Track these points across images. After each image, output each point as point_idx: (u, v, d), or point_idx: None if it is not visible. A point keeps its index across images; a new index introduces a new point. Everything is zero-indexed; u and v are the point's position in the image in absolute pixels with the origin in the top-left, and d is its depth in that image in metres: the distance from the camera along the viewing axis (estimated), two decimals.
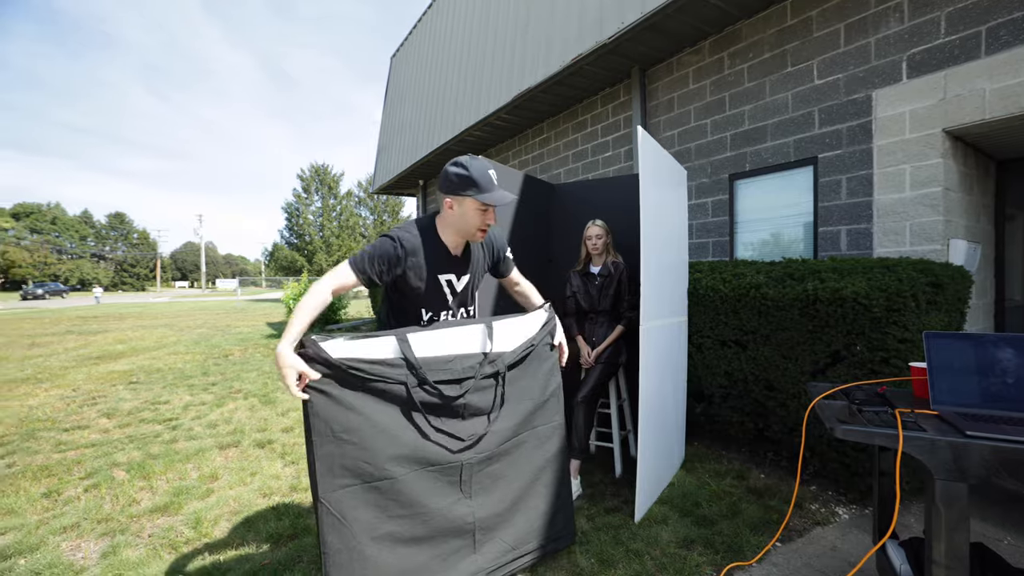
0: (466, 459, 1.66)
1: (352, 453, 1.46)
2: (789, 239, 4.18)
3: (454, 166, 1.66)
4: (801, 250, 4.05)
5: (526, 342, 1.84)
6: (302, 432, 3.72)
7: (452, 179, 1.64)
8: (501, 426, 1.76)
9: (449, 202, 1.67)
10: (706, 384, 3.08)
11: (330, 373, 1.44)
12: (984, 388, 1.37)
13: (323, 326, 10.56)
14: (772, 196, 4.27)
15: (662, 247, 2.55)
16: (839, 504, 2.48)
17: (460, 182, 1.63)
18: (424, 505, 1.58)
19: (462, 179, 1.63)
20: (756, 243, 4.43)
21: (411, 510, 1.56)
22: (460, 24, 8.37)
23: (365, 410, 1.49)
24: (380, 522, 1.52)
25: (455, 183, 1.64)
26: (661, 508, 2.44)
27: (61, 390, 5.24)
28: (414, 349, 1.56)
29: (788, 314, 2.59)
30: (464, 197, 1.64)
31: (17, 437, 3.67)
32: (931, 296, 2.34)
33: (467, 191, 1.63)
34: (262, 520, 2.39)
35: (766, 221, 4.35)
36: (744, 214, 4.49)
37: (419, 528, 1.58)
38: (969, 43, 3.09)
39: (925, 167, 3.28)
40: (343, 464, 1.46)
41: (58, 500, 2.66)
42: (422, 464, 1.58)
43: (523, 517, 1.84)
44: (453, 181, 1.64)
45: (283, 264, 40.06)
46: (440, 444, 1.61)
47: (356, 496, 1.48)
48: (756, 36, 4.28)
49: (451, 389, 1.62)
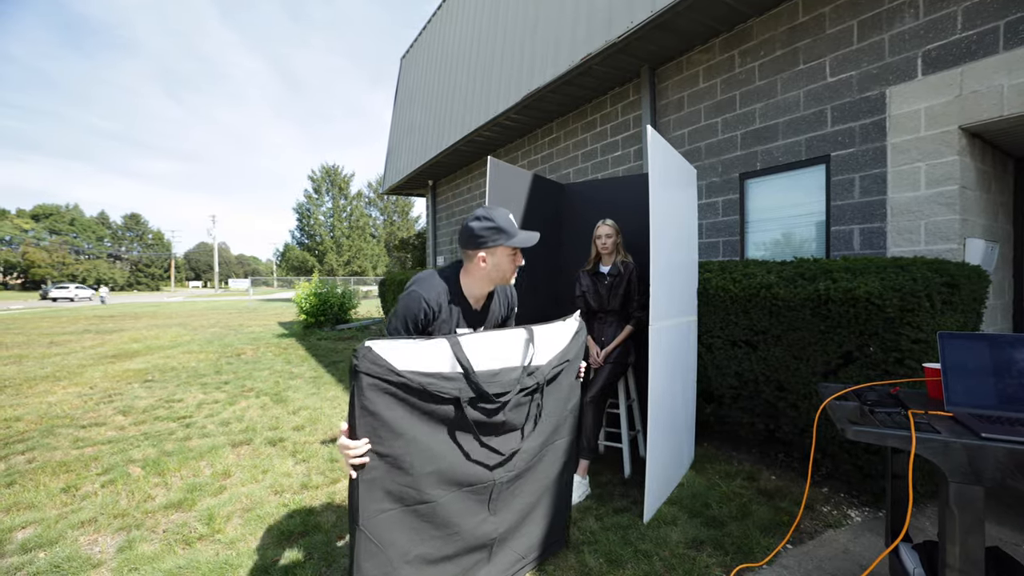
0: (498, 478, 1.67)
1: (397, 478, 1.43)
2: (801, 239, 4.13)
3: (478, 221, 1.68)
4: (813, 250, 4.01)
5: (560, 354, 1.83)
6: (313, 431, 3.77)
7: (481, 233, 1.66)
8: (531, 444, 1.76)
9: (483, 256, 1.68)
10: (716, 384, 3.06)
11: (391, 384, 1.38)
12: (1000, 389, 1.35)
13: (334, 326, 10.65)
14: (783, 195, 4.22)
15: (672, 247, 2.54)
16: (851, 506, 2.45)
17: (490, 234, 1.66)
18: (457, 525, 1.59)
19: (491, 230, 1.66)
20: (767, 243, 4.39)
21: (444, 531, 1.57)
22: (469, 25, 8.39)
23: (412, 432, 1.44)
24: (414, 545, 1.51)
25: (485, 236, 1.66)
26: (670, 509, 2.43)
27: (79, 388, 5.35)
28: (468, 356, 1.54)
29: (799, 314, 2.56)
30: (496, 247, 1.67)
31: (37, 433, 3.76)
32: (946, 296, 2.31)
33: (498, 240, 1.66)
34: (273, 517, 2.42)
35: (777, 220, 4.30)
36: (755, 213, 4.45)
37: (448, 547, 1.59)
38: (987, 38, 3.03)
39: (941, 165, 3.22)
40: (387, 489, 1.42)
41: (76, 495, 2.72)
42: (460, 485, 1.58)
43: (533, 527, 1.86)
44: (482, 235, 1.66)
45: (294, 264, 40.47)
46: (479, 462, 1.60)
47: (394, 520, 1.46)
48: (767, 33, 4.24)
49: (494, 404, 1.62)
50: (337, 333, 9.82)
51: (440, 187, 11.47)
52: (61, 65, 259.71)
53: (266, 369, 6.34)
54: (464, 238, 1.71)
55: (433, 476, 1.50)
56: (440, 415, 1.50)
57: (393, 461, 1.42)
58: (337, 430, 3.77)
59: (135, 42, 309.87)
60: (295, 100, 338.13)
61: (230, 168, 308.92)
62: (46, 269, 52.87)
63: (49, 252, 54.86)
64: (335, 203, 43.10)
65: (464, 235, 1.71)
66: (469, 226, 1.69)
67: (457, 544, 1.61)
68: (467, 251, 1.71)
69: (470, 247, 1.69)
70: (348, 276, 38.03)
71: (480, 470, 1.61)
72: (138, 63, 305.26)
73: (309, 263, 39.67)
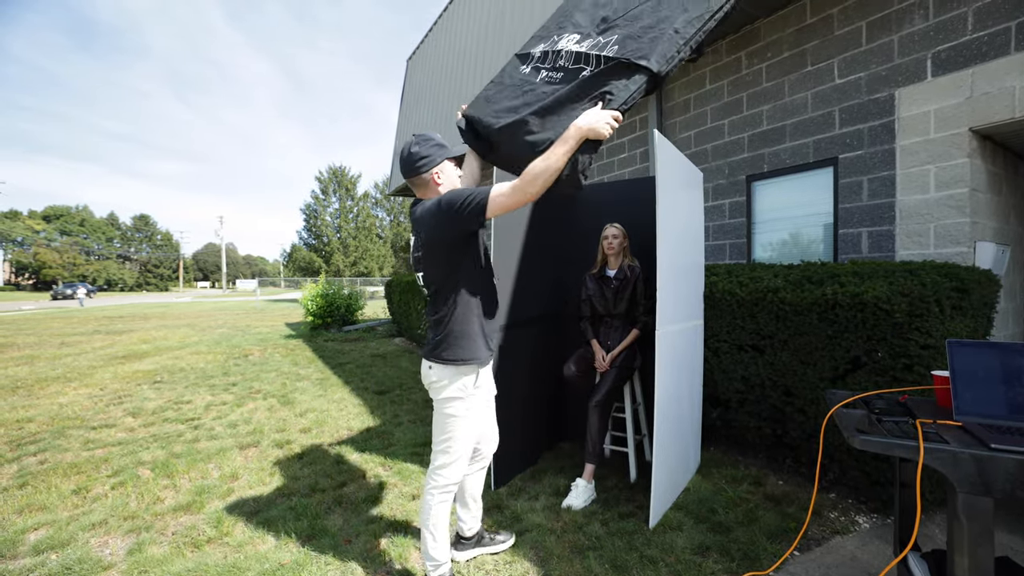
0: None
1: None
2: (808, 241, 4.10)
3: (418, 145, 1.74)
4: (820, 253, 3.98)
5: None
6: (320, 433, 3.79)
7: (428, 152, 1.73)
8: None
9: (435, 174, 1.76)
10: (722, 389, 3.05)
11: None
12: (1010, 399, 1.33)
13: (340, 327, 10.71)
14: (791, 197, 4.20)
15: (678, 251, 2.53)
16: (859, 513, 2.43)
17: (436, 151, 1.75)
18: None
19: (436, 147, 1.76)
20: (774, 245, 4.36)
21: None
22: (474, 28, 8.41)
23: None
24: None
25: (432, 153, 1.74)
26: (676, 514, 2.42)
27: (89, 389, 5.42)
28: None
29: (806, 319, 2.54)
30: (443, 162, 1.77)
31: (48, 435, 3.81)
32: (956, 301, 2.28)
33: (444, 154, 1.77)
34: (280, 520, 2.44)
35: (784, 223, 4.27)
36: (762, 216, 4.43)
37: None
38: (998, 39, 2.99)
39: (950, 167, 3.19)
40: None
41: (87, 497, 2.75)
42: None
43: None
44: (429, 153, 1.74)
45: (301, 265, 40.71)
46: None
47: None
48: (775, 35, 4.22)
49: None
50: (344, 335, 9.87)
51: None
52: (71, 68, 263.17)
53: (273, 371, 6.39)
54: (409, 165, 1.75)
55: None
56: None
57: None
58: (344, 433, 3.79)
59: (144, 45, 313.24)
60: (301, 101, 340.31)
61: (237, 169, 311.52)
62: (57, 270, 53.56)
63: (60, 253, 55.58)
64: (342, 204, 43.32)
65: (409, 163, 1.74)
66: (412, 152, 1.73)
67: None
68: (420, 177, 1.75)
69: (422, 171, 1.74)
70: (355, 277, 38.19)
71: None
72: (147, 65, 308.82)
73: (316, 264, 39.89)
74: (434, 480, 1.85)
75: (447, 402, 1.80)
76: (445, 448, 1.83)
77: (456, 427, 1.82)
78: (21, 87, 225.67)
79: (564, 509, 2.49)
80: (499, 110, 1.89)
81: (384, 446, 3.49)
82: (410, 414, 4.29)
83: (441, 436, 1.84)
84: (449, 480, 1.84)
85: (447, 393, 1.79)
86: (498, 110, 1.89)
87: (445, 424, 1.83)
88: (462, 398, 1.80)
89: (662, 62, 1.71)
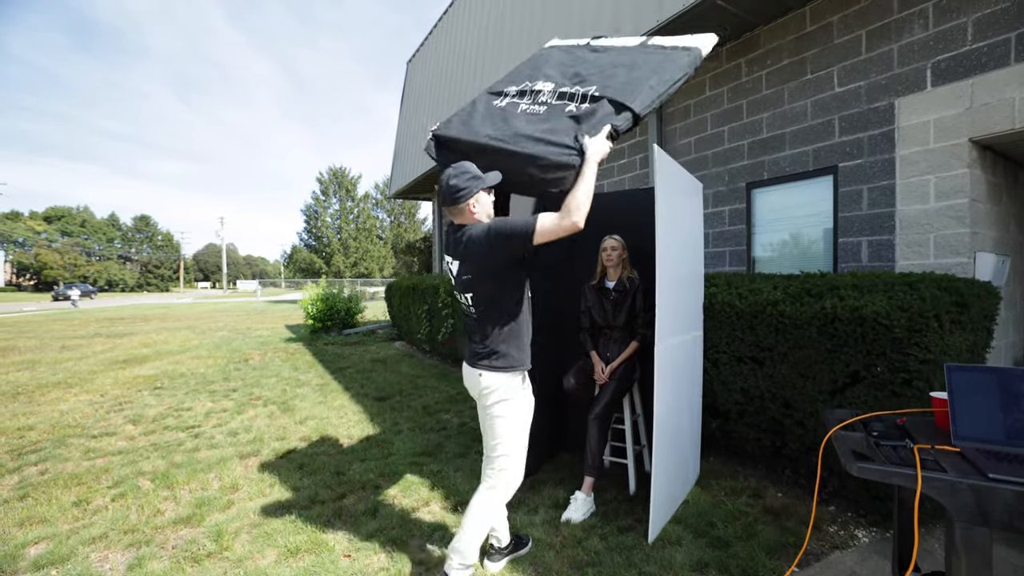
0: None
1: None
2: (808, 250, 4.10)
3: (457, 177, 1.85)
4: (820, 261, 3.98)
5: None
6: (320, 442, 3.79)
7: (465, 185, 1.85)
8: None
9: (471, 204, 1.87)
10: (722, 400, 3.05)
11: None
12: (1009, 425, 1.33)
13: (340, 331, 10.71)
14: (790, 205, 4.20)
15: (678, 264, 2.53)
16: (858, 527, 2.43)
17: (473, 183, 1.86)
18: None
19: (472, 179, 1.86)
20: (774, 253, 4.36)
21: None
22: (474, 32, 8.41)
23: None
24: None
25: (469, 186, 1.85)
26: (675, 528, 2.42)
27: (90, 395, 5.43)
28: None
29: (806, 332, 2.54)
30: (479, 192, 1.88)
31: (49, 444, 3.82)
32: (955, 316, 2.28)
33: (479, 185, 1.87)
34: (280, 534, 2.44)
35: (784, 231, 4.27)
36: (762, 223, 4.42)
37: None
38: (998, 50, 2.99)
39: (950, 178, 3.19)
40: None
41: (87, 509, 2.75)
42: None
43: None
44: (466, 186, 1.85)
45: (301, 266, 40.72)
46: None
47: None
48: (774, 42, 4.22)
49: None
50: (343, 338, 9.88)
51: None
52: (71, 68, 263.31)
53: (273, 376, 6.39)
54: (450, 195, 1.87)
55: None
56: None
57: None
58: (344, 441, 3.80)
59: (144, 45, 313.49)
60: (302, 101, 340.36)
61: (238, 169, 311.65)
62: (58, 271, 53.63)
63: (61, 254, 55.64)
64: (342, 205, 43.34)
65: (449, 193, 1.86)
66: (450, 184, 1.85)
67: None
68: (456, 207, 1.88)
69: (460, 202, 1.86)
70: (355, 278, 38.21)
71: None
72: (148, 66, 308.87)
73: (316, 265, 39.91)
74: (494, 479, 1.99)
75: (498, 405, 1.96)
76: (504, 452, 1.98)
77: (507, 428, 1.97)
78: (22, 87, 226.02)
79: (563, 523, 2.49)
80: (480, 132, 2.05)
81: (384, 455, 3.49)
82: (410, 422, 4.29)
83: (495, 440, 1.99)
84: (513, 480, 2.01)
85: (498, 396, 1.95)
86: (479, 132, 2.05)
87: (495, 426, 1.97)
88: (511, 399, 1.97)
89: (643, 108, 1.97)
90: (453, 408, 4.72)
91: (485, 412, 2.00)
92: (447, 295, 6.53)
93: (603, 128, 1.85)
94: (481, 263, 1.86)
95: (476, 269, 1.88)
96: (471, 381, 2.01)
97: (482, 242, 1.82)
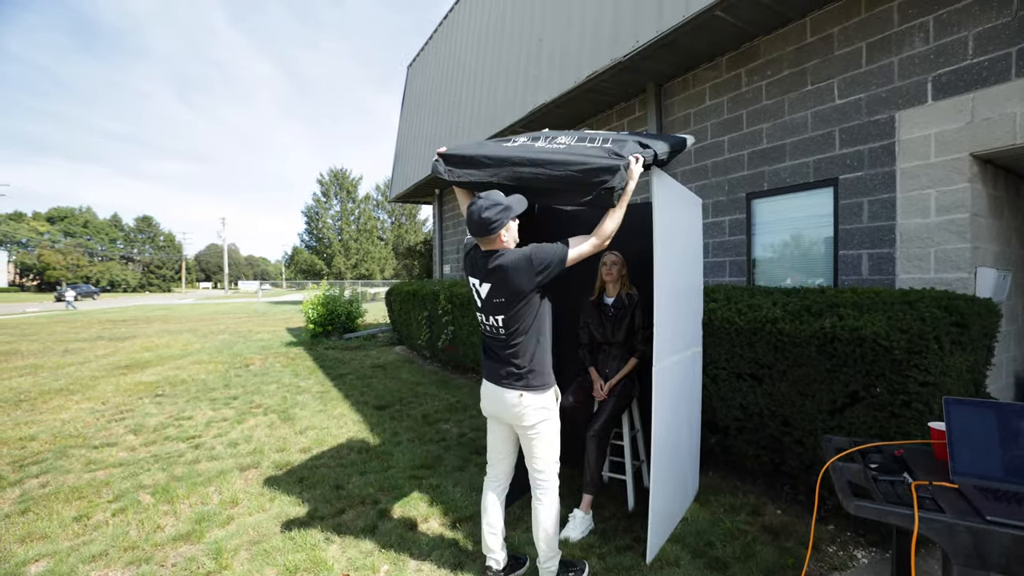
0: None
1: None
2: (808, 262, 4.09)
3: (489, 209, 1.90)
4: (820, 274, 3.97)
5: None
6: (319, 454, 3.80)
7: (497, 217, 1.90)
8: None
9: (502, 234, 1.95)
10: (721, 416, 3.04)
11: None
12: (1008, 461, 1.33)
13: (341, 335, 10.72)
14: (791, 216, 4.19)
15: (676, 284, 2.52)
16: (857, 546, 2.42)
17: (504, 214, 1.92)
18: None
19: (503, 211, 1.92)
20: (773, 264, 4.35)
21: None
22: (474, 37, 8.40)
23: None
24: None
25: (501, 218, 1.91)
26: (673, 548, 2.42)
27: (91, 403, 5.44)
28: None
29: (805, 351, 2.54)
30: (509, 222, 1.96)
31: (51, 455, 3.83)
32: (955, 336, 2.27)
33: (509, 215, 1.94)
34: (279, 552, 2.45)
35: (784, 242, 4.27)
36: (762, 234, 4.42)
37: None
38: (999, 65, 2.98)
39: (951, 192, 3.18)
40: None
41: (88, 525, 2.76)
42: None
43: None
44: (498, 218, 1.90)
45: (303, 267, 40.76)
46: None
47: None
48: (774, 53, 4.21)
49: None
50: (344, 342, 9.89)
51: (447, 196, 11.50)
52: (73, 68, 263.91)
53: (274, 382, 6.41)
54: (483, 227, 1.92)
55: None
56: None
57: None
58: (344, 453, 3.80)
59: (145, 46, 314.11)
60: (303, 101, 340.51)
61: (239, 169, 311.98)
62: (61, 271, 53.76)
63: (64, 254, 55.79)
64: (343, 206, 43.38)
65: (483, 225, 1.91)
66: (484, 217, 1.90)
67: None
68: (488, 237, 1.94)
69: (493, 232, 1.92)
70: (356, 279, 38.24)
71: None
72: (149, 66, 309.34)
73: (317, 266, 39.94)
74: (545, 486, 2.11)
75: (540, 424, 2.05)
76: (546, 467, 2.10)
77: (548, 445, 2.09)
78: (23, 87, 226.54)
79: (561, 541, 2.49)
80: (499, 149, 2.13)
81: (383, 468, 3.50)
82: (409, 432, 4.30)
83: (538, 460, 2.09)
84: (557, 486, 2.14)
85: (538, 416, 2.04)
86: (498, 148, 2.14)
87: (537, 447, 2.07)
88: (550, 418, 2.08)
89: (662, 153, 2.12)
90: (453, 417, 4.72)
91: (526, 434, 2.07)
92: (447, 302, 6.54)
93: (636, 154, 1.97)
94: (519, 288, 1.93)
95: (512, 293, 1.94)
96: (503, 402, 2.05)
97: (522, 268, 1.91)
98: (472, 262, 2.08)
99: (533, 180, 1.99)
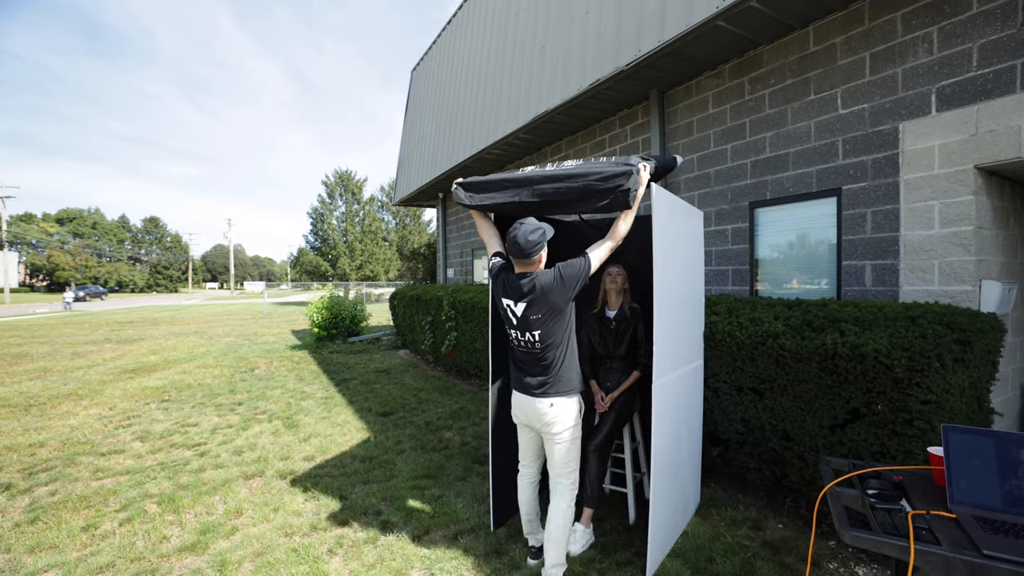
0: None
1: None
2: (810, 272, 4.08)
3: (533, 233, 2.08)
4: (823, 284, 3.95)
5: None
6: (323, 462, 3.83)
7: (539, 240, 2.09)
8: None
9: (541, 255, 2.15)
10: (722, 429, 3.04)
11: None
12: (1007, 491, 1.33)
13: (345, 338, 10.78)
14: (793, 226, 4.17)
15: (676, 299, 2.53)
16: (858, 562, 2.42)
17: (543, 237, 2.11)
18: None
19: (542, 234, 2.11)
20: (776, 273, 4.34)
21: None
22: (478, 43, 8.42)
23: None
24: None
25: (542, 241, 2.10)
26: (673, 563, 2.42)
27: (99, 408, 5.51)
28: None
29: (806, 367, 2.53)
30: (545, 244, 2.15)
31: (59, 462, 3.88)
32: (958, 354, 2.26)
33: (546, 238, 2.13)
34: (283, 564, 2.47)
35: (787, 251, 4.25)
36: (764, 243, 4.40)
37: None
38: (1003, 77, 2.96)
39: (955, 204, 3.16)
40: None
41: (95, 535, 2.80)
42: None
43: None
44: (540, 241, 2.10)
45: (308, 268, 40.91)
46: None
47: None
48: (778, 62, 4.20)
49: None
50: (348, 346, 9.94)
51: (451, 200, 11.53)
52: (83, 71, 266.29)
53: (279, 388, 6.45)
54: (527, 250, 2.09)
55: None
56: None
57: None
58: (347, 461, 3.83)
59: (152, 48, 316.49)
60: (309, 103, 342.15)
61: (245, 170, 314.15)
62: (70, 272, 54.29)
63: (73, 255, 56.33)
64: (348, 208, 43.51)
65: (526, 249, 2.09)
66: (530, 239, 2.08)
67: None
68: (528, 259, 2.11)
69: (534, 255, 2.11)
70: (361, 280, 38.37)
71: None
72: (157, 68, 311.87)
73: (322, 267, 40.09)
74: (562, 490, 2.26)
75: (567, 431, 2.22)
76: (570, 470, 2.26)
77: (571, 450, 2.25)
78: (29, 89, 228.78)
79: None
80: (514, 174, 2.32)
81: (386, 478, 3.52)
82: (412, 440, 4.32)
83: (562, 462, 2.24)
84: (575, 490, 2.29)
85: (565, 423, 2.21)
86: (513, 174, 2.32)
87: (560, 452, 2.23)
88: (576, 424, 2.26)
89: (663, 165, 2.37)
90: (455, 425, 4.74)
91: (553, 441, 2.22)
92: (450, 308, 6.56)
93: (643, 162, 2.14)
94: (556, 305, 2.11)
95: (550, 310, 2.12)
96: (535, 411, 2.22)
97: (557, 287, 2.09)
98: (505, 284, 2.22)
99: (554, 194, 2.18)
